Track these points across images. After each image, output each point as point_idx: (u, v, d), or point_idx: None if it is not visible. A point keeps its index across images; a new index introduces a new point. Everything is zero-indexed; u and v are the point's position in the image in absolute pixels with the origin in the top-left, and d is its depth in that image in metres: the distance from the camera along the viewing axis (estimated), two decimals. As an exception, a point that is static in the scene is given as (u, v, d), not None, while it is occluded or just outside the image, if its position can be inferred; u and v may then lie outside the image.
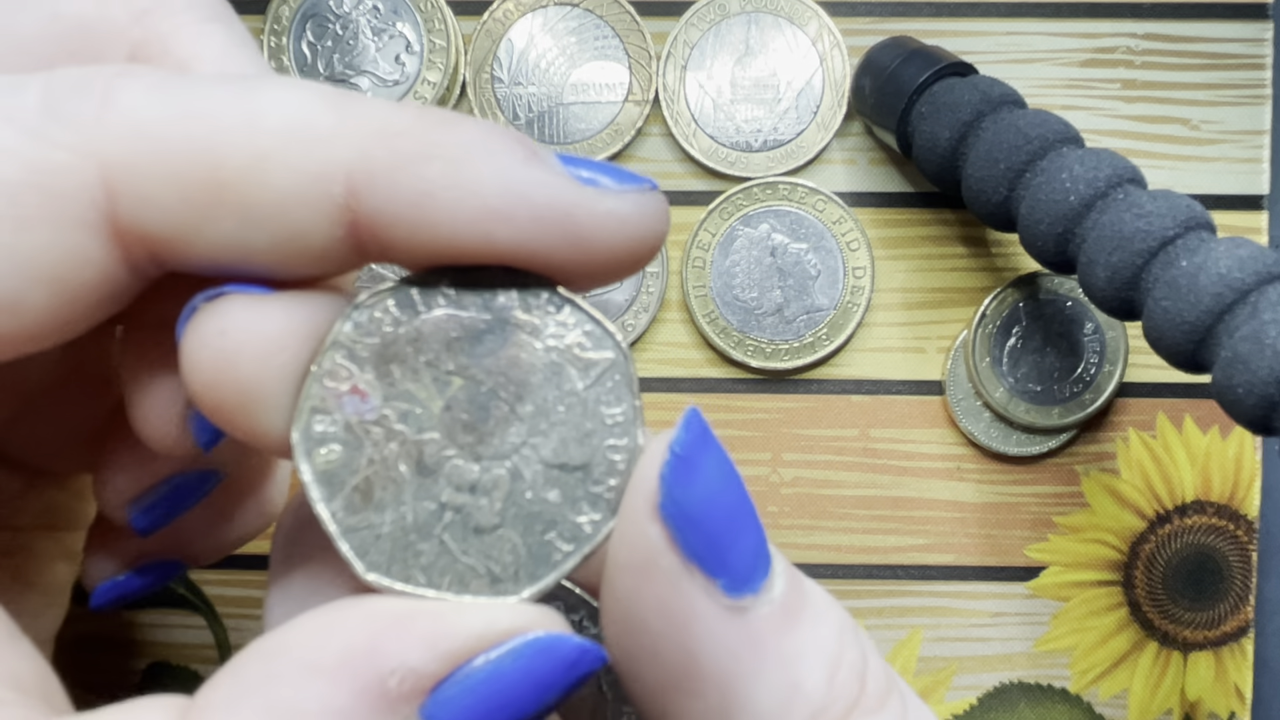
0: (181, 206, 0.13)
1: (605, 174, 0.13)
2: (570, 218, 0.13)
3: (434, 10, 0.29)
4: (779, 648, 0.13)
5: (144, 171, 0.13)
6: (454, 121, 0.13)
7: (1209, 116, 0.29)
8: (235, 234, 0.13)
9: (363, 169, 0.13)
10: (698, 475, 0.13)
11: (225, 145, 0.13)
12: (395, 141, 0.13)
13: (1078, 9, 0.29)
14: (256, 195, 0.13)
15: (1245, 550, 0.30)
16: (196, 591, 0.30)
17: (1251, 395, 0.20)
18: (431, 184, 0.13)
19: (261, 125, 0.13)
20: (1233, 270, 0.20)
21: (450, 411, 0.13)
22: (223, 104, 0.13)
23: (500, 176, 0.13)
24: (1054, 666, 0.30)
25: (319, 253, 0.13)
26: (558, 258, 0.13)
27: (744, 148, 0.29)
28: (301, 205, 0.13)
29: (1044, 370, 0.29)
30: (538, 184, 0.13)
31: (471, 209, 0.13)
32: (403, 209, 0.13)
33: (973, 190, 0.25)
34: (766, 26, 0.29)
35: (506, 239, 0.13)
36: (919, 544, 0.30)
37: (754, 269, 0.29)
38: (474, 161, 0.13)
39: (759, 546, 0.13)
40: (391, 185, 0.13)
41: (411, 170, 0.13)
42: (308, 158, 0.13)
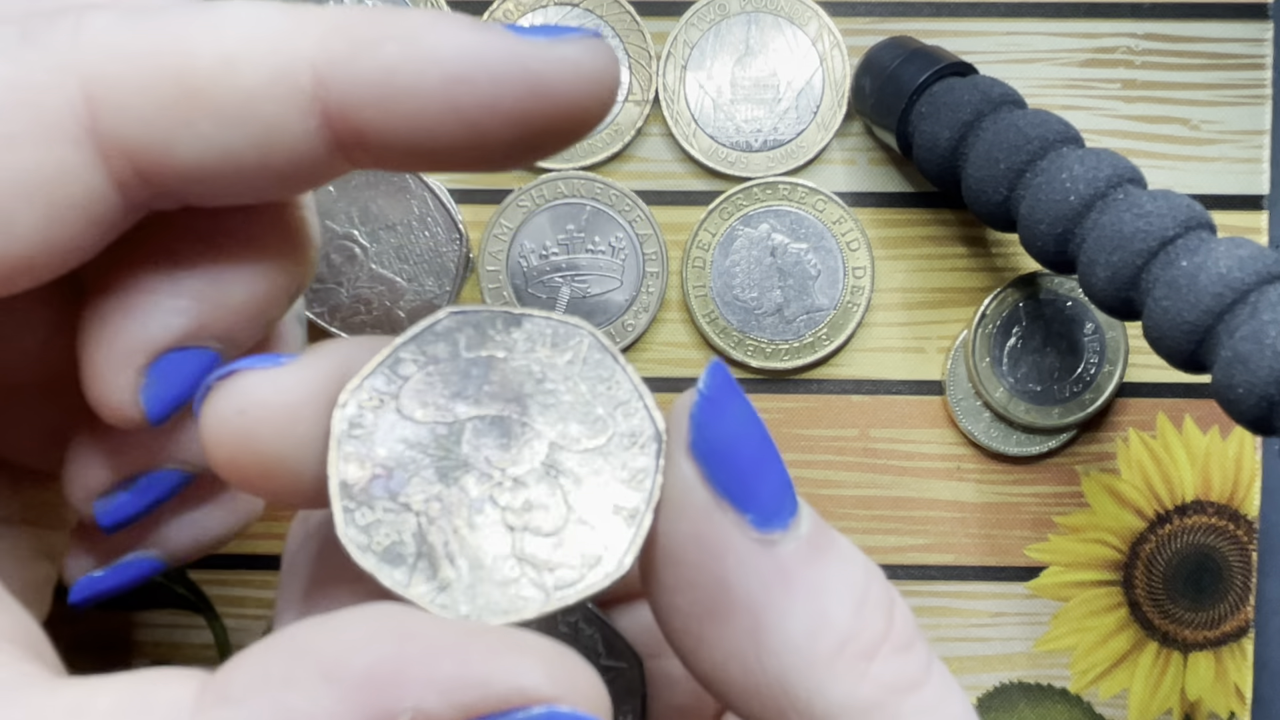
0: (158, 113, 0.13)
1: (548, 32, 0.14)
2: (527, 70, 0.14)
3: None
4: (807, 579, 0.14)
5: (119, 83, 0.13)
6: (402, 10, 0.14)
7: (1209, 116, 0.29)
8: (213, 136, 0.14)
9: (325, 58, 0.14)
10: (724, 415, 0.14)
11: (193, 52, 0.13)
12: (351, 31, 0.14)
13: (1078, 9, 0.29)
14: (227, 95, 0.13)
15: (1245, 550, 0.30)
16: (196, 591, 0.30)
17: (1251, 395, 0.20)
18: (391, 59, 0.13)
19: (224, 32, 0.14)
20: (1233, 270, 0.20)
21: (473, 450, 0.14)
22: (187, 19, 0.14)
23: (454, 43, 0.14)
24: (1054, 666, 0.30)
25: (297, 149, 0.14)
26: (523, 113, 0.14)
27: (744, 148, 0.29)
28: (271, 99, 0.14)
29: (1044, 370, 0.29)
30: (491, 44, 0.14)
31: (433, 78, 0.13)
32: (368, 89, 0.14)
33: (973, 190, 0.25)
34: (766, 26, 0.29)
35: (472, 102, 0.14)
36: (919, 544, 0.30)
37: (754, 269, 0.29)
38: (427, 35, 0.14)
39: (785, 487, 0.14)
40: (354, 68, 0.14)
41: (370, 52, 0.14)
42: (272, 53, 0.13)
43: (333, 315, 0.29)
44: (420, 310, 0.29)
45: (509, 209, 0.29)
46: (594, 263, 0.29)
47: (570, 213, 0.29)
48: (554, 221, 0.29)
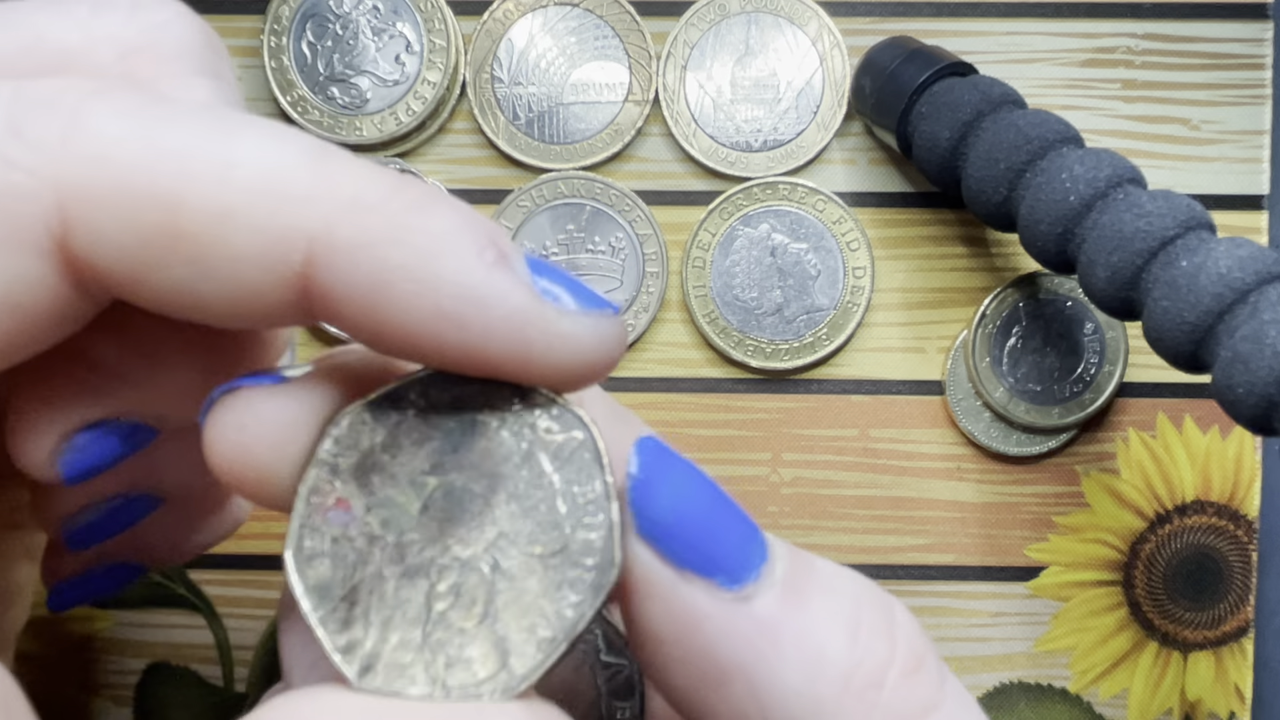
0: (136, 247, 0.12)
1: (569, 290, 0.13)
2: (523, 334, 0.13)
3: (434, 10, 0.29)
4: (793, 625, 0.13)
5: (101, 205, 0.12)
6: (429, 206, 0.13)
7: (1209, 116, 0.29)
8: (186, 281, 0.13)
9: (326, 242, 0.12)
10: (660, 490, 0.13)
11: (191, 193, 0.12)
12: (365, 218, 0.12)
13: (1078, 9, 0.29)
14: (215, 251, 0.12)
15: (1245, 550, 0.30)
16: (196, 591, 0.30)
17: (1251, 395, 0.20)
18: (391, 273, 0.12)
19: (232, 177, 0.12)
20: (1233, 270, 0.20)
21: (428, 512, 0.13)
22: (196, 143, 0.12)
23: (462, 279, 0.12)
24: (1054, 666, 0.30)
25: (268, 310, 0.13)
26: (501, 368, 0.13)
27: (744, 148, 0.29)
28: (259, 268, 0.13)
29: (1044, 370, 0.29)
30: (498, 294, 0.13)
31: (426, 307, 0.12)
32: (358, 291, 0.12)
33: (973, 190, 0.25)
34: (766, 26, 0.29)
35: (455, 342, 0.13)
36: (919, 544, 0.30)
37: (754, 269, 0.29)
38: (439, 258, 0.12)
39: (747, 537, 0.14)
40: (351, 265, 0.12)
41: (374, 254, 0.12)
42: (273, 221, 0.12)
43: (333, 315, 0.29)
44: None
45: (509, 209, 0.29)
46: (594, 263, 0.29)
47: (570, 213, 0.29)
48: (554, 221, 0.29)
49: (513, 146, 0.29)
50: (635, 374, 0.30)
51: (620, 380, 0.30)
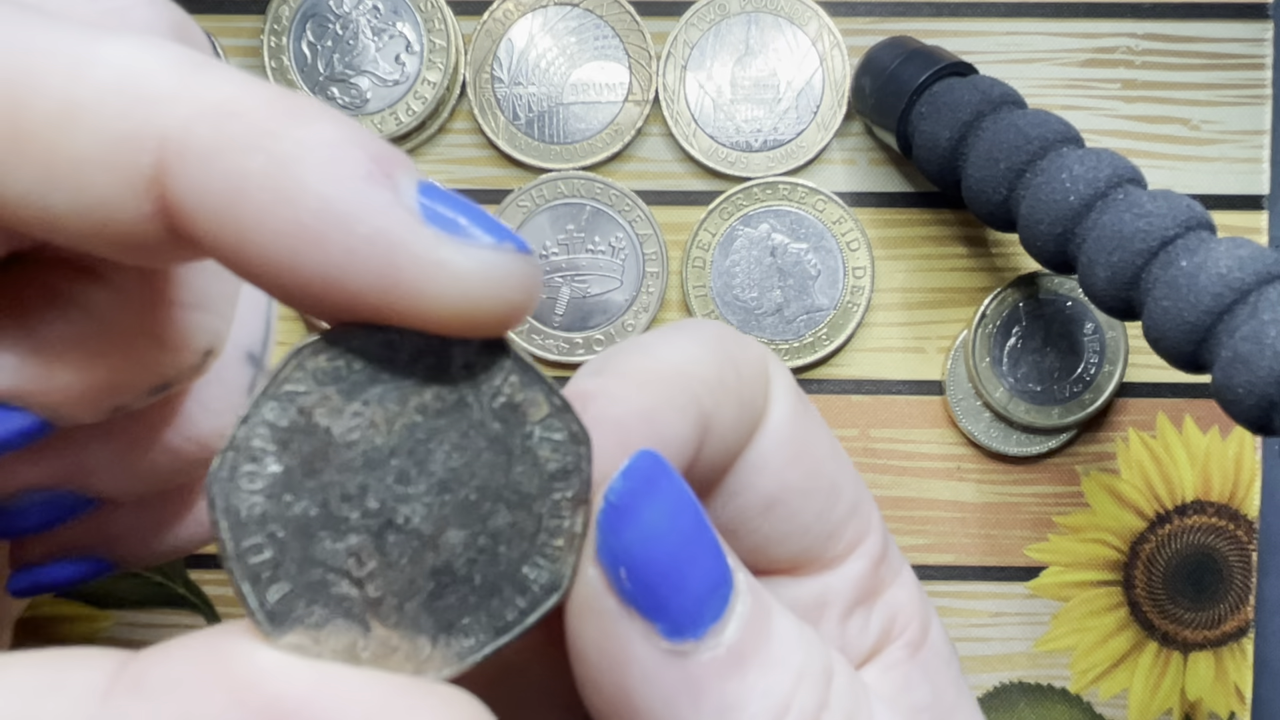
0: None
1: (469, 219, 0.11)
2: (392, 260, 0.11)
3: (434, 10, 0.29)
4: (719, 693, 0.12)
5: None
6: (309, 116, 0.11)
7: (1209, 116, 0.29)
8: (35, 190, 0.11)
9: (179, 143, 0.11)
10: (634, 523, 0.12)
11: (37, 88, 0.11)
12: (227, 122, 0.11)
13: (1078, 9, 0.29)
14: (59, 151, 0.11)
15: (1245, 550, 0.30)
16: (196, 591, 0.30)
17: (1251, 395, 0.20)
18: (245, 180, 0.11)
19: (85, 74, 0.11)
20: (1233, 270, 0.20)
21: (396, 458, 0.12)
22: (53, 42, 0.11)
23: (324, 190, 0.11)
24: (1054, 666, 0.30)
25: (126, 229, 0.12)
26: (364, 300, 0.11)
27: (744, 148, 0.29)
28: (103, 169, 0.11)
29: (1044, 370, 0.29)
30: (366, 209, 0.11)
31: (282, 220, 0.11)
32: (209, 199, 0.11)
33: (973, 190, 0.25)
34: (766, 26, 0.29)
35: (312, 264, 0.11)
36: (919, 544, 0.30)
37: (754, 269, 0.29)
38: (302, 166, 0.11)
39: (712, 590, 0.13)
40: (204, 169, 0.11)
41: (229, 158, 0.11)
42: (122, 121, 0.11)
43: (333, 315, 0.29)
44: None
45: (509, 209, 0.29)
46: (594, 263, 0.29)
47: (570, 213, 0.29)
48: (554, 221, 0.29)
49: (513, 146, 0.29)
50: (635, 374, 0.30)
51: (620, 380, 0.30)
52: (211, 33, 0.29)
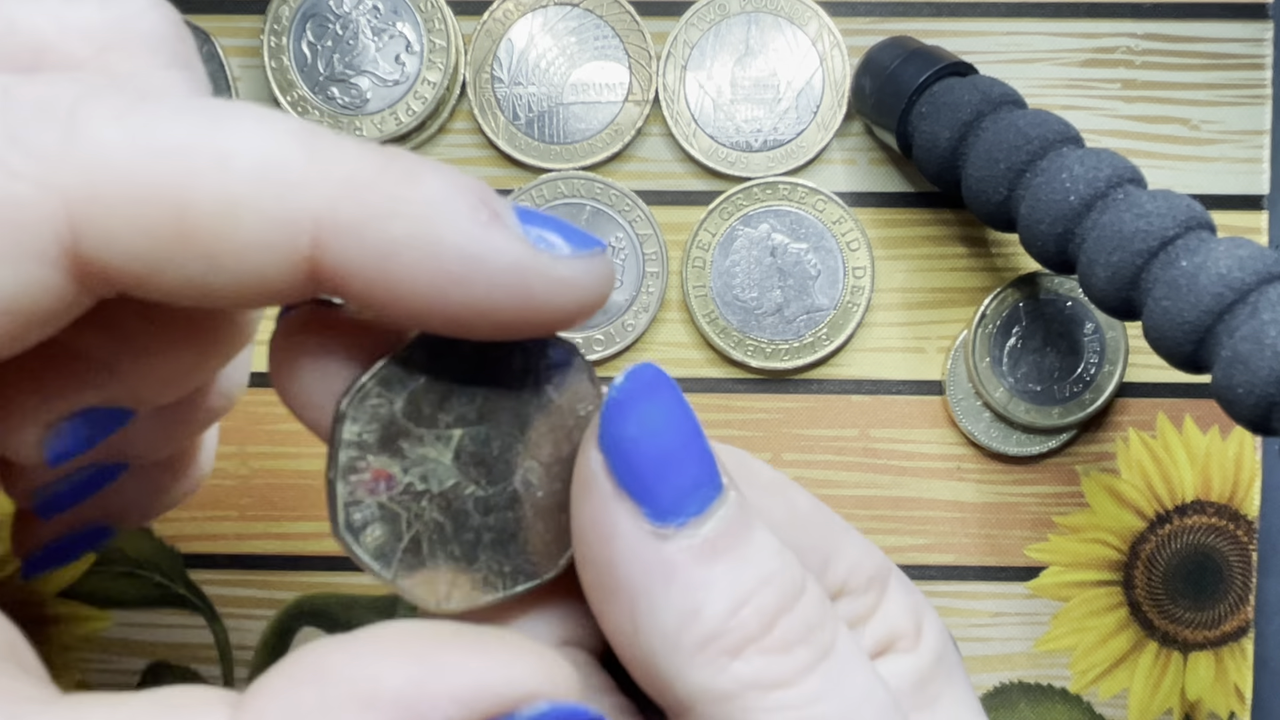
0: (147, 247, 0.12)
1: (560, 234, 0.14)
2: (524, 283, 0.13)
3: (434, 10, 0.29)
4: (690, 575, 0.14)
5: (110, 210, 0.12)
6: (419, 175, 0.13)
7: (1209, 116, 0.29)
8: (198, 274, 0.13)
9: (330, 221, 0.13)
10: (631, 419, 0.15)
11: (195, 188, 0.12)
12: (363, 194, 0.13)
13: (1078, 9, 0.29)
14: (224, 243, 0.13)
15: (1245, 550, 0.30)
16: (196, 591, 0.30)
17: (1251, 395, 0.20)
18: (395, 244, 0.13)
19: (233, 167, 0.12)
20: (1233, 270, 0.20)
21: (460, 459, 0.15)
22: (193, 139, 0.13)
23: (461, 241, 0.13)
24: (1054, 666, 0.30)
25: (277, 290, 0.13)
26: (505, 316, 0.14)
27: (744, 148, 0.29)
28: (268, 254, 0.13)
29: (1044, 370, 0.29)
30: (496, 250, 0.13)
31: (431, 271, 0.13)
32: (364, 264, 0.13)
33: (973, 190, 0.25)
34: (766, 26, 0.29)
35: (460, 299, 0.13)
36: (919, 544, 0.30)
37: (754, 269, 0.29)
38: (437, 223, 0.13)
39: (695, 487, 0.15)
40: (357, 241, 0.13)
41: (377, 227, 0.13)
42: (278, 206, 0.13)
43: (333, 315, 0.29)
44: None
45: (509, 209, 0.29)
46: (594, 263, 0.29)
47: (570, 213, 0.29)
48: (554, 221, 0.29)
49: (513, 146, 0.29)
50: (635, 374, 0.30)
51: (620, 380, 0.30)
52: (211, 33, 0.29)
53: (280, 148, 0.13)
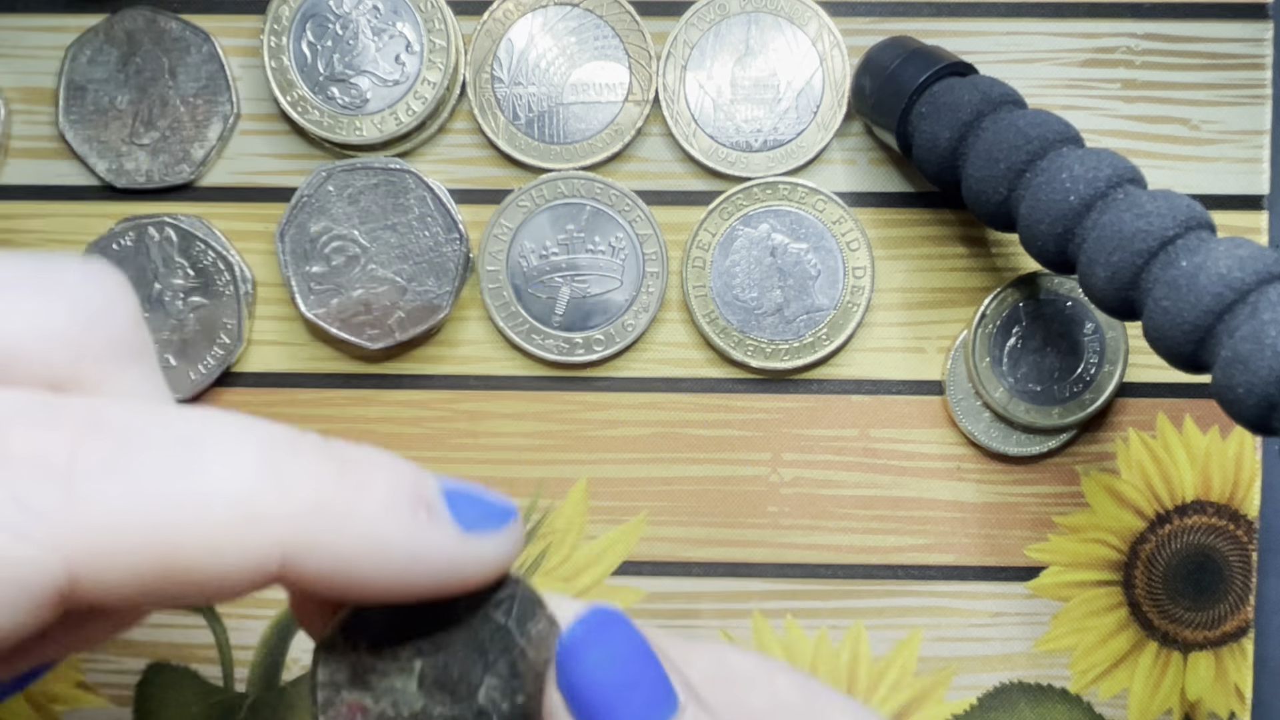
0: (135, 584, 0.14)
1: (482, 514, 0.16)
2: (456, 565, 0.16)
3: (434, 10, 0.29)
4: None
5: (106, 562, 0.13)
6: (369, 481, 0.15)
7: (1209, 116, 0.29)
8: (178, 597, 0.14)
9: (295, 541, 0.14)
10: (583, 662, 0.16)
11: (182, 536, 0.14)
12: (324, 512, 0.15)
13: (1078, 9, 0.29)
14: (204, 573, 0.14)
15: (1245, 550, 0.30)
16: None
17: (1251, 395, 0.20)
18: (351, 553, 0.15)
19: (214, 511, 0.14)
20: (1233, 270, 0.20)
21: (424, 685, 0.16)
22: (176, 487, 0.14)
23: (405, 542, 0.15)
24: (1054, 666, 0.30)
25: (242, 594, 0.15)
26: (442, 587, 0.16)
27: (744, 148, 0.29)
28: (241, 573, 0.14)
29: (1044, 370, 0.29)
30: (434, 546, 0.15)
31: (379, 568, 0.15)
32: (322, 569, 0.15)
33: (973, 190, 0.25)
34: (766, 26, 0.29)
35: (403, 583, 0.15)
36: (919, 544, 0.30)
37: (754, 269, 0.29)
38: (385, 531, 0.15)
39: (650, 708, 0.16)
40: (319, 556, 0.15)
41: (333, 544, 0.15)
42: (254, 539, 0.14)
43: (333, 315, 0.29)
44: (420, 311, 0.29)
45: (509, 209, 0.29)
46: (594, 263, 0.29)
47: (570, 213, 0.29)
48: (554, 221, 0.29)
49: (513, 146, 0.29)
50: (635, 374, 0.30)
51: (620, 380, 0.30)
52: (211, 33, 0.29)
53: (253, 480, 0.14)
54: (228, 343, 0.29)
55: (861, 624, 0.29)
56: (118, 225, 0.29)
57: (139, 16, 0.29)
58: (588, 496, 0.30)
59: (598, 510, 0.30)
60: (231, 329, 0.29)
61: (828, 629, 0.29)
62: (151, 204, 0.30)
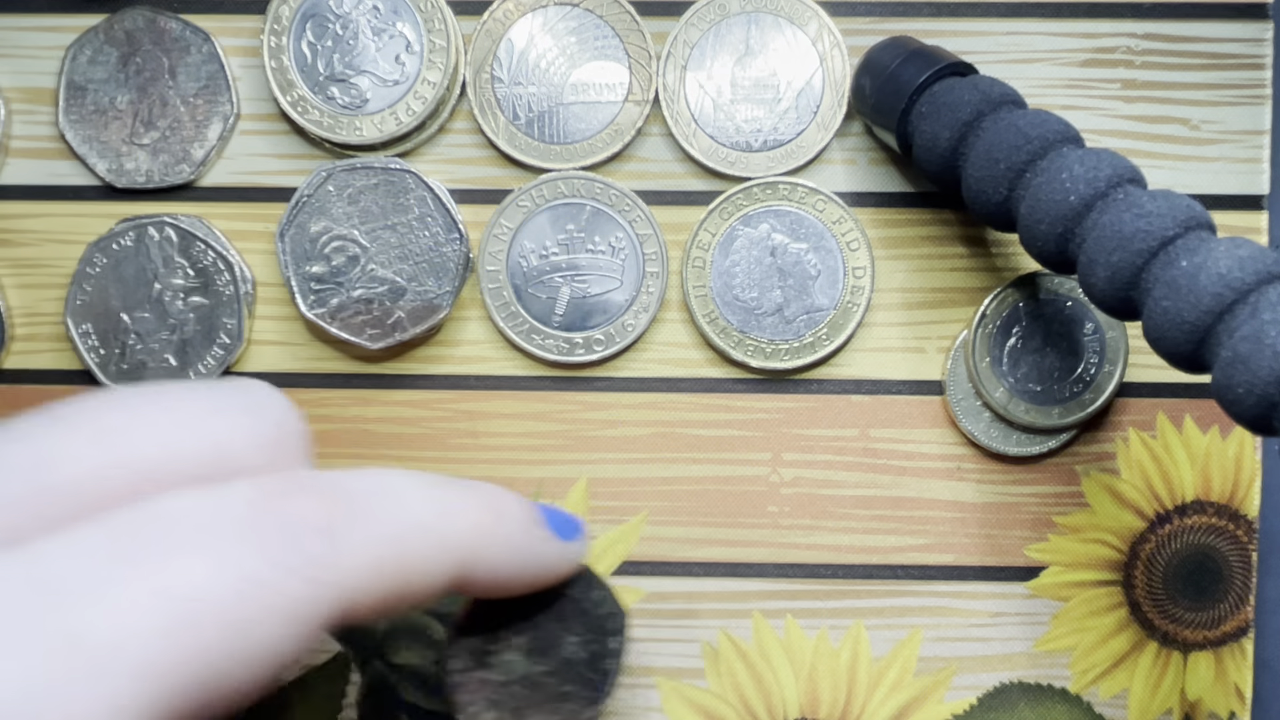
0: (372, 607, 0.17)
1: (565, 526, 0.21)
2: (554, 568, 0.21)
3: (434, 10, 0.29)
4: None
5: (361, 594, 0.17)
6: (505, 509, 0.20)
7: (1209, 116, 0.29)
8: (392, 612, 0.18)
9: (465, 561, 0.19)
10: None
11: (408, 568, 0.18)
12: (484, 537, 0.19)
13: (1078, 9, 0.29)
14: (417, 593, 0.18)
15: (1245, 550, 0.30)
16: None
17: (1251, 395, 0.20)
18: (502, 565, 0.20)
19: (423, 544, 0.18)
20: (1233, 270, 0.20)
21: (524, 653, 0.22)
22: (396, 529, 0.18)
23: (535, 556, 0.20)
24: (1054, 666, 0.30)
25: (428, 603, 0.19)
26: (541, 583, 0.21)
27: (744, 148, 0.29)
28: (436, 590, 0.18)
29: (1044, 370, 0.29)
30: (549, 555, 0.21)
31: (518, 576, 0.20)
32: (482, 579, 0.19)
33: (973, 190, 0.25)
34: (766, 26, 0.29)
35: (523, 583, 0.20)
36: (919, 544, 0.30)
37: (754, 269, 0.29)
38: (523, 547, 0.20)
39: None
40: (482, 569, 0.19)
41: (493, 558, 0.19)
42: (446, 562, 0.18)
43: (333, 315, 0.29)
44: (420, 310, 0.29)
45: (509, 209, 0.29)
46: (594, 263, 0.29)
47: (570, 213, 0.29)
48: (554, 221, 0.29)
49: (513, 146, 0.29)
50: (635, 374, 0.30)
51: (620, 380, 0.30)
52: (211, 33, 0.29)
53: (436, 518, 0.18)
54: (228, 343, 0.29)
55: (861, 624, 0.29)
56: (118, 225, 0.29)
57: (139, 16, 0.29)
58: (587, 496, 0.30)
59: (597, 510, 0.30)
60: (231, 329, 0.29)
61: (828, 629, 0.29)
62: (151, 204, 0.30)
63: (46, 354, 0.30)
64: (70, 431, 0.16)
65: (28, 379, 0.30)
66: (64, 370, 0.30)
